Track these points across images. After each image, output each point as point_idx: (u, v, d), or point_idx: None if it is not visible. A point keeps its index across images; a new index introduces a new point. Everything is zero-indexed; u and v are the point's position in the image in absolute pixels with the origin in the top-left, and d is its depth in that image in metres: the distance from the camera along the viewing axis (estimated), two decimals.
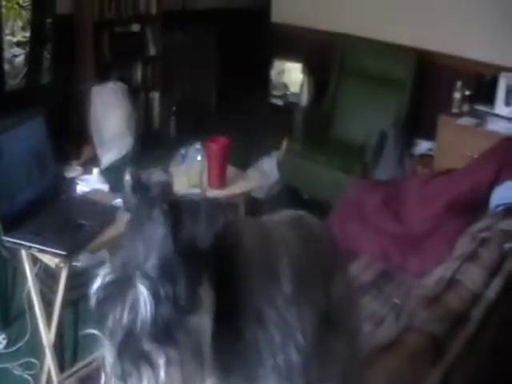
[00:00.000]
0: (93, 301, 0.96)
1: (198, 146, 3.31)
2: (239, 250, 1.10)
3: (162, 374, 0.93)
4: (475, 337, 1.88)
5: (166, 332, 0.93)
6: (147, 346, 0.92)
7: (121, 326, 0.93)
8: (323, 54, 5.27)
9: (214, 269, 1.02)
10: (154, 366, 0.92)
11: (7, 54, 4.38)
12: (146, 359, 0.92)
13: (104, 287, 0.95)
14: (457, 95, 4.41)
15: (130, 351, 0.92)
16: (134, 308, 0.92)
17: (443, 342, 1.80)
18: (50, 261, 2.34)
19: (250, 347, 1.09)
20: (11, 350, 2.97)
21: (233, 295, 1.07)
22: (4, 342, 3.01)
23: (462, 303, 1.96)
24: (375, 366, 1.67)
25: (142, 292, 0.92)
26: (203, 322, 0.99)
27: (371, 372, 1.63)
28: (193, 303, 0.96)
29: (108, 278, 0.96)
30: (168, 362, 0.93)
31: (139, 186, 1.05)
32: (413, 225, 2.87)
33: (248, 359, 1.10)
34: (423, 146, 4.64)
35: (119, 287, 0.94)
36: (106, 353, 0.94)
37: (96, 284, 0.96)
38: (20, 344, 2.97)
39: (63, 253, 2.28)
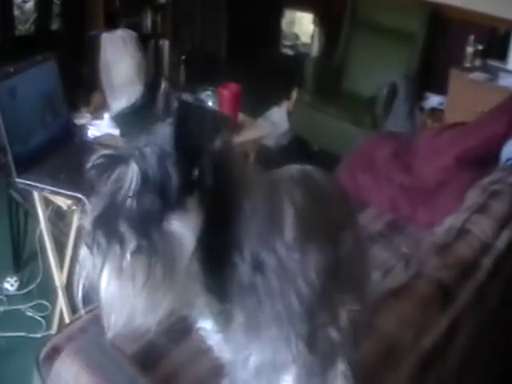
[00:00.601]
0: (87, 169, 1.01)
1: (209, 92, 3.29)
2: (243, 189, 1.10)
3: (128, 257, 0.95)
4: (484, 285, 1.90)
5: (142, 221, 0.96)
6: (122, 226, 0.96)
7: (104, 195, 0.98)
8: (335, 4, 5.19)
9: (210, 191, 1.03)
10: (122, 247, 0.95)
11: None
12: (117, 237, 0.95)
13: (101, 156, 1.00)
14: (469, 49, 4.37)
15: (106, 223, 0.96)
16: (121, 180, 0.97)
17: (452, 290, 1.81)
18: (63, 203, 2.36)
19: (247, 290, 1.09)
20: (23, 292, 3.01)
21: (228, 228, 1.07)
22: (16, 284, 3.05)
23: (472, 252, 1.97)
24: (384, 311, 1.69)
25: (133, 168, 0.97)
26: (182, 232, 0.99)
27: (380, 317, 1.65)
28: (176, 203, 0.98)
29: (107, 152, 1.02)
30: (138, 251, 0.95)
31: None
32: (423, 177, 2.86)
33: (246, 304, 1.10)
34: (434, 100, 4.61)
35: (114, 160, 1.00)
36: (86, 221, 0.98)
37: (95, 155, 1.01)
38: (32, 286, 3.02)
39: (77, 195, 2.29)
